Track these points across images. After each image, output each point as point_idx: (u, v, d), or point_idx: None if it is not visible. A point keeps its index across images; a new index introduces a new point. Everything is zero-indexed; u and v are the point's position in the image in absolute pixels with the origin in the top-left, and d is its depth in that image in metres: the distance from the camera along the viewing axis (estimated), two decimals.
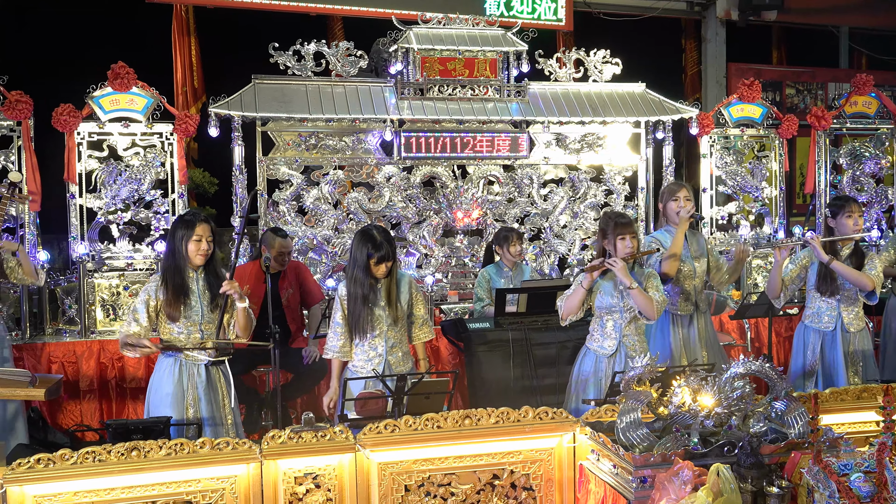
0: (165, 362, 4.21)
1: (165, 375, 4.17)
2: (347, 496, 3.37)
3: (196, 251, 4.14)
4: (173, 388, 4.14)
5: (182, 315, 4.13)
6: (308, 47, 7.03)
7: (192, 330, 4.17)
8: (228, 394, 4.30)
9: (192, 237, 4.13)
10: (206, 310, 4.19)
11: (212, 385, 4.24)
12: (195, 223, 4.15)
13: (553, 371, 5.44)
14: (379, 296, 4.42)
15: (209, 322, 4.21)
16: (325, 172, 7.10)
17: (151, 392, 4.23)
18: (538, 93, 7.50)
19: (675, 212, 5.10)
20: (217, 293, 4.20)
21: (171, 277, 4.14)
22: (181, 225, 4.18)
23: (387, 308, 4.41)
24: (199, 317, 4.18)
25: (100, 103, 6.49)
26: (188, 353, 4.17)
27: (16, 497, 3.07)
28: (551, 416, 3.56)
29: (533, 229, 7.60)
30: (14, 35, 8.85)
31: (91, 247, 6.50)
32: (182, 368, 4.17)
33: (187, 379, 4.17)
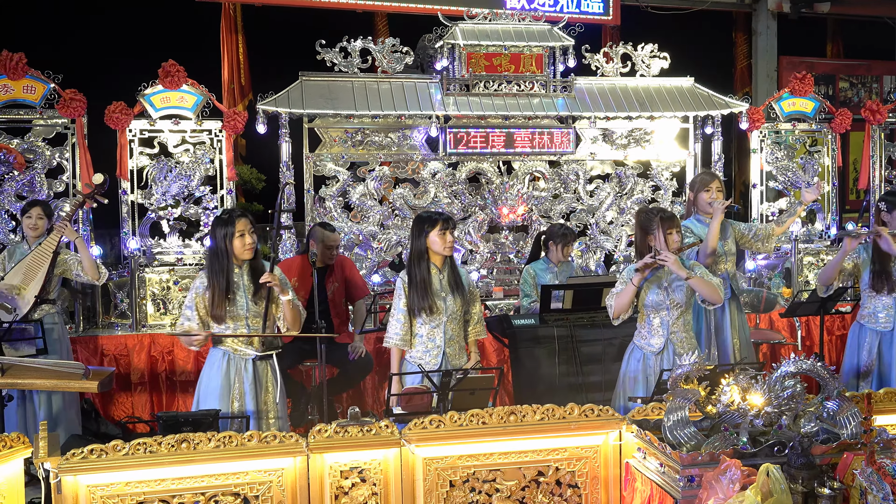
0: (215, 355, 4.28)
1: (214, 369, 4.25)
2: (392, 491, 3.39)
3: (242, 246, 4.20)
4: (220, 381, 4.21)
5: (227, 315, 4.18)
6: (354, 44, 7.07)
7: (239, 325, 4.23)
8: (275, 388, 4.34)
9: (235, 234, 4.18)
10: (250, 304, 4.24)
11: (258, 379, 4.28)
12: (234, 220, 4.21)
13: (599, 368, 5.40)
14: (441, 284, 4.43)
15: (255, 316, 4.26)
16: (370, 168, 7.13)
17: (201, 384, 4.32)
18: (584, 88, 7.44)
19: (706, 202, 5.09)
20: (260, 287, 4.25)
21: (217, 280, 4.19)
22: (221, 224, 4.22)
23: (447, 298, 4.42)
24: (244, 311, 4.22)
25: (151, 101, 6.61)
26: (236, 348, 4.23)
27: (70, 486, 3.15)
28: (597, 413, 3.54)
29: (579, 225, 7.54)
30: (67, 34, 9.04)
31: (142, 242, 6.62)
32: (230, 362, 4.24)
33: (234, 373, 4.23)
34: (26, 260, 5.22)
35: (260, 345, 4.27)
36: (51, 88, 6.46)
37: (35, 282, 5.16)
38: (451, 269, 4.51)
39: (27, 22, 8.87)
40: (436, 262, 4.48)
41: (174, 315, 6.40)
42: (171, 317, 6.42)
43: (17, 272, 5.17)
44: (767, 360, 6.54)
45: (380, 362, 6.21)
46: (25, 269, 5.18)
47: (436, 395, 3.88)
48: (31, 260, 5.20)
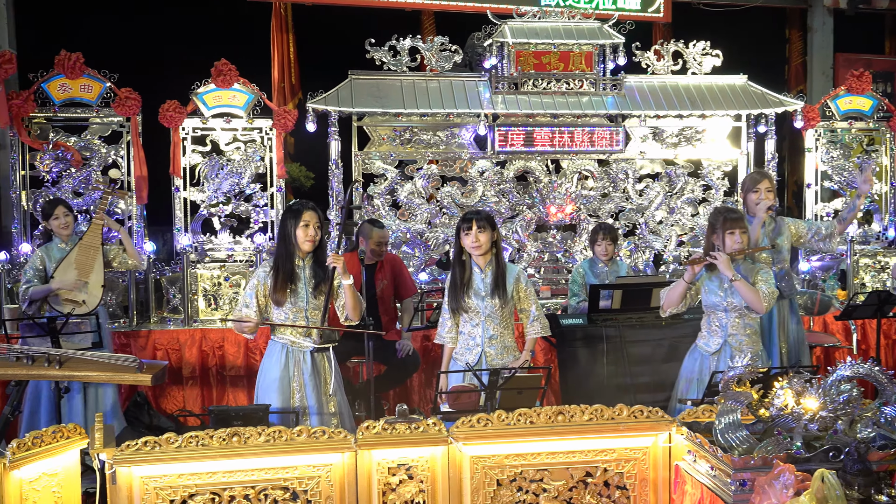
0: (274, 348, 4.33)
1: (273, 361, 4.29)
2: (440, 488, 3.39)
3: (304, 237, 4.25)
4: (280, 373, 4.25)
5: (288, 300, 4.24)
6: (403, 43, 7.10)
7: (298, 316, 4.27)
8: (333, 380, 4.38)
9: (299, 223, 4.25)
10: (311, 297, 4.29)
11: (317, 371, 4.33)
12: (302, 210, 4.28)
13: (648, 369, 5.34)
14: (482, 283, 4.43)
15: (315, 309, 4.30)
16: (418, 167, 7.15)
17: (261, 377, 4.38)
18: (635, 86, 7.37)
19: (754, 203, 5.02)
20: (321, 281, 4.30)
21: (282, 263, 4.26)
22: (289, 213, 4.32)
23: (487, 297, 4.41)
24: (304, 303, 4.27)
25: (203, 99, 6.71)
26: (294, 340, 4.28)
27: (124, 477, 3.21)
28: (646, 414, 3.50)
29: (628, 225, 7.47)
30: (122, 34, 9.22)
31: (194, 238, 6.73)
32: (289, 355, 4.28)
33: (293, 365, 4.28)
34: (73, 256, 5.31)
35: (318, 337, 4.32)
36: (107, 87, 6.60)
37: (94, 273, 5.28)
38: (494, 270, 4.47)
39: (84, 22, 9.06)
40: (478, 262, 4.47)
41: (225, 311, 6.50)
42: (222, 312, 6.52)
43: (68, 268, 5.27)
44: (822, 364, 6.41)
45: (426, 360, 6.22)
46: (77, 264, 5.28)
47: (483, 394, 3.87)
48: (79, 255, 5.30)
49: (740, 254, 4.33)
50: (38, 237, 6.63)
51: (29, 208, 6.63)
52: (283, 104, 8.69)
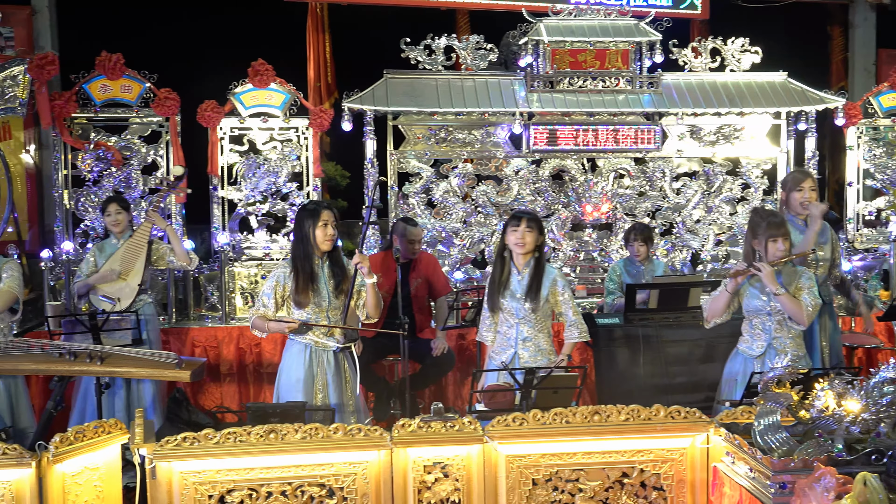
0: (295, 348, 4.33)
1: (296, 361, 4.29)
2: (475, 487, 3.39)
3: (323, 236, 4.25)
4: (304, 373, 4.26)
5: (310, 301, 4.25)
6: (438, 42, 7.10)
7: (320, 317, 4.28)
8: (353, 380, 4.40)
9: (318, 223, 4.24)
10: (332, 296, 4.30)
11: (339, 371, 4.34)
12: (319, 210, 4.27)
13: (685, 369, 5.30)
14: (518, 285, 4.41)
15: (335, 308, 4.31)
16: (453, 166, 7.16)
17: (281, 377, 4.38)
18: (672, 84, 7.30)
19: (798, 202, 4.93)
20: (341, 280, 4.30)
21: (301, 264, 4.25)
22: (306, 214, 4.29)
23: (521, 299, 4.40)
24: (326, 303, 4.28)
25: (241, 99, 6.78)
26: (318, 340, 4.29)
27: (164, 472, 3.26)
28: (684, 415, 3.47)
29: (664, 224, 7.41)
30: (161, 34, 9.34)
31: (231, 237, 6.80)
32: (312, 355, 4.29)
33: (317, 365, 4.29)
34: (119, 252, 5.40)
35: (342, 336, 4.34)
36: (146, 88, 6.69)
37: (135, 272, 5.36)
38: (532, 272, 4.45)
39: (123, 22, 9.20)
40: (517, 263, 4.45)
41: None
42: None
43: (113, 263, 5.37)
44: (864, 366, 6.30)
45: (461, 359, 6.23)
46: (121, 260, 5.37)
47: (519, 393, 3.86)
48: (125, 251, 5.39)
49: (782, 262, 4.26)
50: (80, 235, 6.74)
51: (71, 207, 6.75)
52: (319, 103, 8.74)
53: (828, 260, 5.08)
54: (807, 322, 4.20)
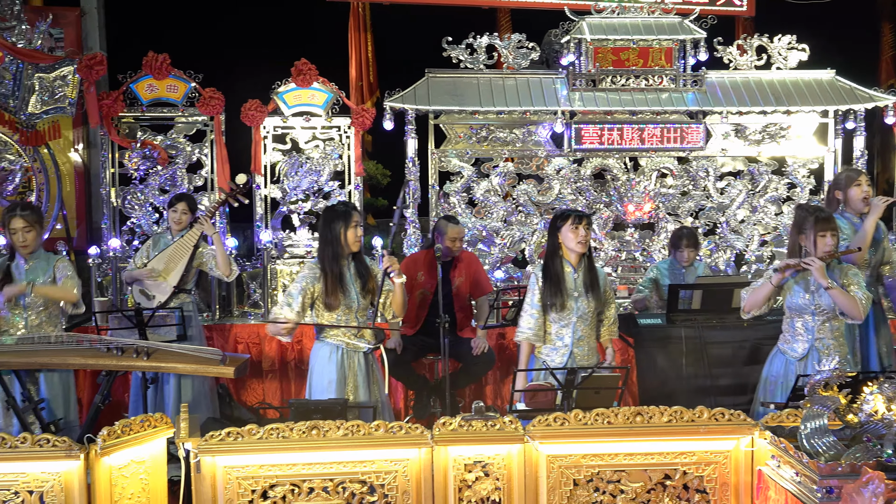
0: (325, 349, 4.32)
1: (327, 363, 4.29)
2: (516, 486, 3.39)
3: (354, 237, 4.26)
4: (336, 375, 4.25)
5: (341, 303, 4.25)
6: (480, 41, 7.10)
7: (349, 318, 4.28)
8: (381, 379, 4.41)
9: (350, 225, 4.25)
10: (359, 297, 4.30)
11: (369, 372, 4.36)
12: (350, 212, 4.28)
13: (729, 371, 5.23)
14: (574, 283, 4.39)
15: (364, 309, 4.32)
16: (494, 164, 7.14)
17: (313, 378, 4.36)
18: (716, 82, 7.21)
19: (859, 198, 4.87)
20: (367, 280, 4.31)
21: (331, 266, 4.24)
22: (337, 216, 4.27)
23: (580, 298, 4.37)
24: (355, 304, 4.28)
25: (284, 99, 6.84)
26: (348, 341, 4.29)
27: (208, 466, 3.30)
28: (728, 417, 3.43)
29: (708, 224, 7.32)
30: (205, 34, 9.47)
31: (274, 235, 6.86)
32: (343, 356, 4.29)
33: (348, 367, 4.29)
34: (168, 250, 5.50)
35: (372, 337, 4.35)
36: (192, 87, 6.78)
37: (175, 272, 5.44)
38: (587, 269, 4.44)
39: (169, 23, 9.34)
40: (570, 260, 4.43)
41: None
42: None
43: (160, 260, 5.47)
44: None
45: (501, 358, 6.22)
46: (167, 258, 5.47)
47: (560, 393, 3.85)
48: (173, 251, 5.48)
49: (831, 257, 4.18)
50: (126, 232, 6.85)
51: (118, 205, 6.87)
52: (361, 103, 8.79)
53: (878, 260, 4.99)
54: (862, 315, 4.12)
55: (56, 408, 4.67)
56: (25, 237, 4.64)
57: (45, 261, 4.76)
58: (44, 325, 4.71)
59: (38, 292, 4.67)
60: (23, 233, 4.63)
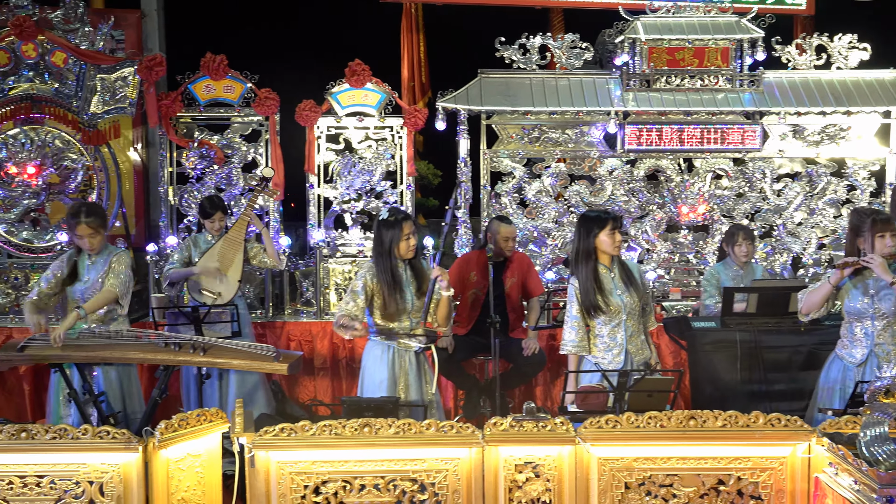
0: (377, 349, 4.35)
1: (379, 362, 4.32)
2: (566, 488, 3.37)
3: (407, 248, 4.29)
4: (387, 373, 4.28)
5: (397, 308, 4.28)
6: (533, 41, 7.08)
7: (403, 318, 4.32)
8: (432, 380, 4.43)
9: (401, 237, 4.27)
10: (414, 299, 4.33)
11: (420, 371, 4.38)
12: (400, 222, 4.28)
13: (785, 376, 5.13)
14: (613, 282, 4.36)
15: (417, 311, 4.34)
16: (546, 165, 7.12)
17: (365, 376, 4.41)
18: (774, 82, 7.09)
19: None
20: (422, 282, 4.33)
21: (386, 277, 4.27)
22: (388, 227, 4.29)
23: (623, 295, 4.33)
24: (409, 306, 4.31)
25: (337, 99, 6.91)
26: (401, 341, 4.32)
27: (262, 461, 3.35)
28: (784, 423, 3.37)
29: (764, 226, 7.19)
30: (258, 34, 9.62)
31: (327, 234, 6.94)
32: (395, 355, 4.32)
33: (399, 366, 4.32)
34: (217, 247, 5.56)
35: (423, 336, 4.36)
36: (248, 88, 6.88)
37: (234, 267, 5.52)
38: (620, 265, 4.41)
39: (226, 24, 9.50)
40: (604, 261, 4.40)
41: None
42: None
43: (211, 258, 5.54)
44: None
45: (552, 359, 6.19)
46: (220, 256, 5.54)
47: (612, 395, 3.82)
48: (223, 247, 5.55)
49: (892, 258, 4.08)
50: (184, 231, 6.99)
51: (175, 203, 7.00)
52: (414, 103, 8.84)
53: None
54: None
55: (114, 401, 4.77)
56: (92, 242, 4.76)
57: (105, 255, 4.86)
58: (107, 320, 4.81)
59: (89, 310, 4.72)
60: (89, 238, 4.74)
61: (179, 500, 3.44)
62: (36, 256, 6.62)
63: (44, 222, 6.78)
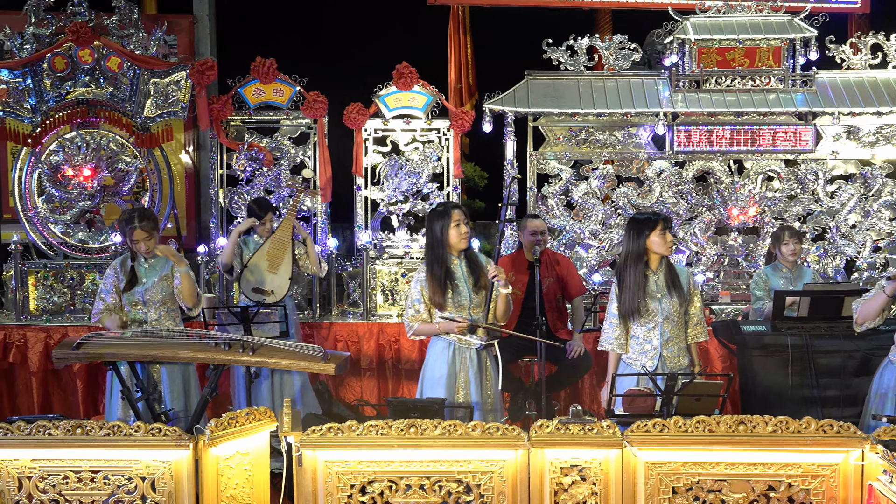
0: (439, 345, 4.40)
1: (440, 358, 4.37)
2: (612, 492, 3.35)
3: (458, 236, 4.31)
4: (447, 369, 4.33)
5: (449, 302, 4.30)
6: (581, 42, 7.05)
7: (462, 315, 4.33)
8: (494, 378, 4.43)
9: (451, 224, 4.30)
10: (472, 294, 4.34)
11: (481, 369, 4.39)
12: (450, 210, 4.34)
13: (837, 382, 5.03)
14: (656, 285, 4.33)
15: (476, 306, 4.36)
16: (594, 167, 7.08)
17: (426, 372, 4.46)
18: (827, 82, 6.96)
19: None
20: (479, 276, 4.34)
21: (436, 269, 4.32)
22: (437, 216, 4.36)
23: (663, 299, 4.31)
24: (467, 301, 4.33)
25: (385, 101, 6.95)
26: (461, 337, 4.34)
27: (309, 460, 3.39)
28: (836, 429, 3.31)
29: (817, 229, 7.05)
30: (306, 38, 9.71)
31: (373, 235, 6.98)
32: (456, 352, 4.35)
33: (459, 362, 4.35)
34: (266, 248, 5.64)
35: (484, 334, 4.37)
36: (297, 91, 6.96)
37: (284, 266, 5.60)
38: (667, 269, 4.38)
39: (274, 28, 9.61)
40: (651, 264, 4.37)
41: (401, 306, 6.69)
42: (399, 307, 6.72)
43: (261, 257, 5.62)
44: None
45: (598, 362, 6.15)
46: (269, 256, 5.62)
47: (659, 399, 3.79)
48: (271, 247, 5.63)
49: None
50: None
51: (225, 205, 7.11)
52: (460, 105, 8.84)
53: None
54: None
55: (176, 399, 4.87)
56: (147, 245, 4.87)
57: (163, 259, 4.95)
58: (163, 320, 4.91)
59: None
60: (144, 242, 4.85)
61: (228, 497, 3.50)
62: (91, 257, 6.77)
63: (98, 223, 6.94)
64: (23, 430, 3.42)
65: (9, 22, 6.82)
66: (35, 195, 6.80)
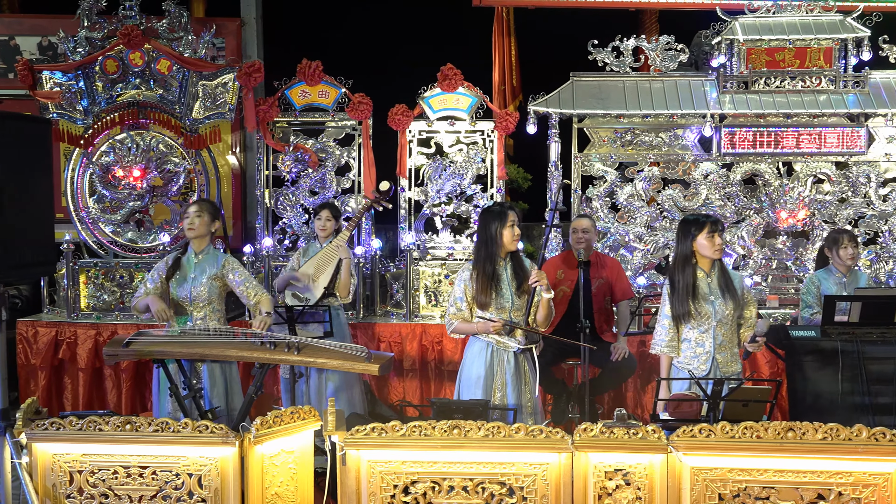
0: (477, 346, 4.42)
1: (477, 359, 4.39)
2: (657, 497, 3.32)
3: (511, 237, 4.35)
4: (484, 371, 4.34)
5: (493, 302, 4.31)
6: (627, 43, 7.00)
7: (503, 317, 4.34)
8: (533, 381, 4.42)
9: (506, 224, 4.34)
10: (514, 297, 4.35)
11: (519, 372, 4.39)
12: (506, 211, 4.38)
13: (890, 389, 4.92)
14: (709, 288, 4.28)
15: (518, 309, 4.36)
16: (639, 169, 7.01)
17: (462, 373, 4.49)
18: (880, 82, 6.81)
19: None
20: (523, 280, 4.35)
21: (485, 266, 4.36)
22: (493, 216, 4.40)
23: (716, 302, 4.26)
24: (509, 304, 4.34)
25: (429, 103, 6.97)
26: (499, 340, 4.35)
27: (353, 459, 3.41)
28: (889, 438, 3.23)
29: (869, 232, 6.90)
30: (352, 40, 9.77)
31: (417, 237, 7.00)
32: (493, 354, 4.37)
33: (497, 364, 4.36)
34: (318, 255, 5.71)
35: (523, 337, 4.37)
36: (342, 93, 7.01)
37: (325, 275, 5.65)
38: (720, 272, 4.34)
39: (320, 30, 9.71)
40: (703, 266, 4.33)
41: (444, 307, 6.69)
42: (441, 309, 6.72)
43: (311, 264, 5.69)
44: None
45: (643, 366, 6.10)
46: (317, 262, 5.68)
47: (706, 404, 3.74)
48: (322, 255, 5.70)
49: None
50: (278, 232, 7.16)
51: (271, 206, 7.19)
52: (504, 106, 8.83)
53: None
54: None
55: (217, 396, 4.93)
56: (194, 221, 4.95)
57: (213, 257, 5.02)
58: (207, 320, 4.98)
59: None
60: (194, 216, 4.94)
61: (273, 494, 3.53)
62: (140, 256, 6.89)
63: (147, 223, 7.06)
64: (74, 426, 3.49)
65: (62, 25, 6.98)
66: (86, 195, 6.94)
